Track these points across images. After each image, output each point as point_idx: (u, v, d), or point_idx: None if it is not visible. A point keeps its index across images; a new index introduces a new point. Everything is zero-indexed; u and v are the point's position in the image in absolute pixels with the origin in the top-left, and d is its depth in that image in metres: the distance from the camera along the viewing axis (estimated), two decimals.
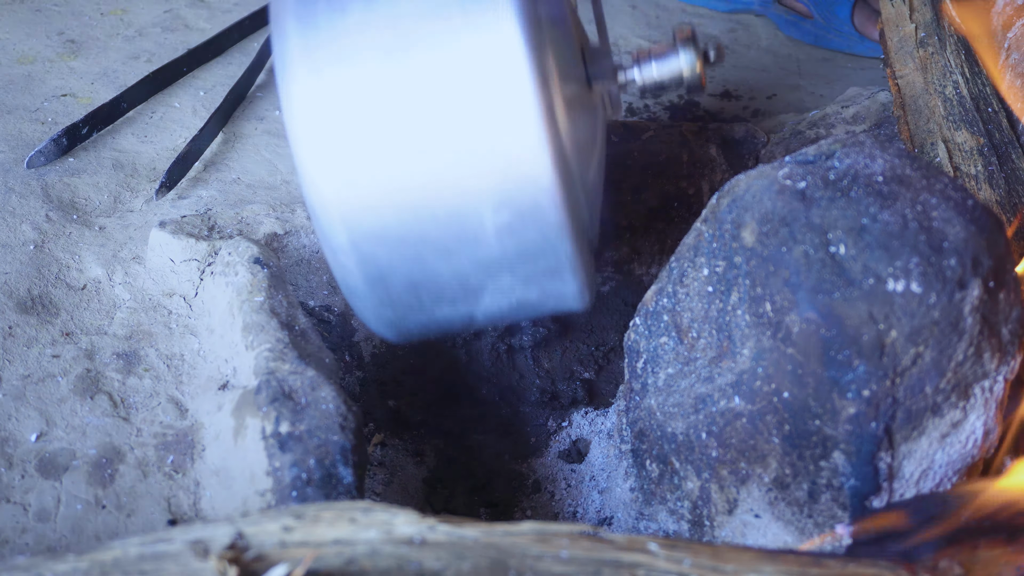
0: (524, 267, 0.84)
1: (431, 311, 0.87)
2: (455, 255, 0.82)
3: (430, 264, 0.83)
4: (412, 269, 0.83)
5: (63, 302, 1.05)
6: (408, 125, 0.79)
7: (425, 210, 0.81)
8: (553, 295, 0.87)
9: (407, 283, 0.84)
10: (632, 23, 1.76)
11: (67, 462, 0.91)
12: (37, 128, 1.26)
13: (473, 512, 1.03)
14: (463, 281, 0.84)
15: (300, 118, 0.80)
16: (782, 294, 0.79)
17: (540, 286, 0.86)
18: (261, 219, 1.13)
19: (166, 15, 1.53)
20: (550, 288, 0.86)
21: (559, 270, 0.84)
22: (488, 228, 0.81)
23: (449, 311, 0.87)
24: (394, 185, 0.80)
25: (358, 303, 0.87)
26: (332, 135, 0.80)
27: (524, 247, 0.82)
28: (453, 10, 0.79)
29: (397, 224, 0.81)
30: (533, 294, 0.86)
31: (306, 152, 0.81)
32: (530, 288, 0.86)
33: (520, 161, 0.79)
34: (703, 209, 0.91)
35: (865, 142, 0.85)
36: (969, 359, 0.79)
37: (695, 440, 0.88)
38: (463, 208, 0.81)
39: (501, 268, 0.84)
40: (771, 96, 1.58)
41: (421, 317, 0.87)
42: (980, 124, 1.22)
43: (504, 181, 0.79)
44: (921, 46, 1.35)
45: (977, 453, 0.84)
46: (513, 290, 0.85)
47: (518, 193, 0.80)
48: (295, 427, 0.85)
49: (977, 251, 0.77)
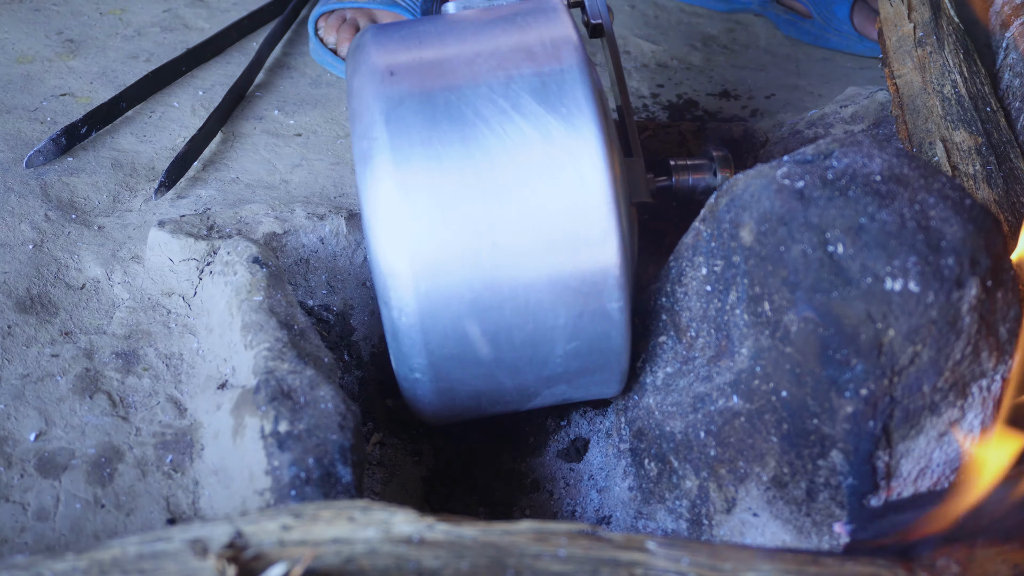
0: (580, 379, 0.92)
1: (485, 410, 0.95)
2: (522, 373, 0.89)
3: (498, 380, 0.89)
4: (480, 384, 0.89)
5: (62, 301, 1.05)
6: (503, 269, 0.84)
7: (505, 339, 0.86)
8: (596, 393, 0.95)
9: (472, 393, 0.91)
10: (631, 23, 1.76)
11: (66, 461, 0.91)
12: (36, 127, 1.26)
13: (472, 511, 1.04)
14: (522, 391, 0.92)
15: (400, 260, 0.83)
16: (780, 293, 0.80)
17: (588, 390, 0.94)
18: (260, 218, 1.13)
19: (165, 14, 1.53)
20: (595, 391, 0.95)
21: (610, 381, 0.93)
22: (558, 353, 0.88)
23: (501, 409, 0.95)
24: (481, 317, 0.85)
25: (420, 407, 0.93)
26: (434, 284, 0.84)
27: (586, 366, 0.90)
28: (539, 154, 0.83)
29: (475, 350, 0.87)
30: (579, 395, 0.95)
31: (407, 295, 0.84)
32: (578, 391, 0.94)
33: (597, 298, 0.85)
34: (701, 208, 0.91)
35: (863, 141, 0.85)
36: (967, 358, 0.79)
37: (693, 439, 0.88)
38: (539, 338, 0.86)
39: (560, 381, 0.91)
40: (770, 95, 1.58)
41: (473, 414, 0.95)
42: (978, 123, 1.22)
43: (581, 316, 0.85)
44: (919, 45, 1.35)
45: (975, 451, 0.84)
46: (564, 394, 0.94)
47: (591, 326, 0.86)
48: (294, 426, 0.85)
49: (975, 250, 0.77)
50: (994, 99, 1.28)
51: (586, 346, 0.87)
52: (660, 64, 1.65)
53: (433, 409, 0.93)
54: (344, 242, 1.15)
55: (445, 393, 0.90)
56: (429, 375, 0.88)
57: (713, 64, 1.67)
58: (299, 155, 1.28)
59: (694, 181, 1.02)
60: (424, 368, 0.88)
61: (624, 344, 0.88)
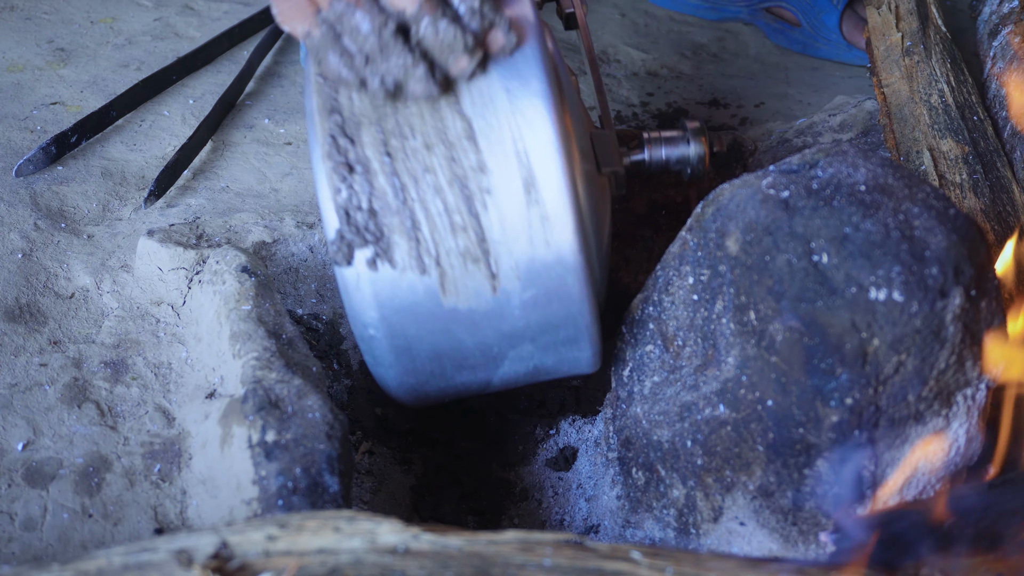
0: (545, 337, 0.89)
1: (451, 378, 0.92)
2: (481, 327, 0.87)
3: (456, 336, 0.87)
4: (438, 341, 0.88)
5: (51, 311, 1.05)
6: (443, 211, 0.84)
7: (454, 287, 0.85)
8: (568, 361, 0.93)
9: (432, 353, 0.89)
10: (621, 31, 1.76)
11: (54, 471, 0.91)
12: (26, 136, 1.26)
13: (461, 520, 1.04)
14: (486, 350, 0.89)
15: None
16: (766, 303, 0.80)
17: (558, 353, 0.91)
18: (249, 227, 1.14)
19: (156, 23, 1.53)
20: (566, 355, 0.92)
21: (577, 339, 0.90)
22: (515, 303, 0.86)
23: (468, 377, 0.92)
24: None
25: (382, 371, 0.91)
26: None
27: (547, 319, 0.88)
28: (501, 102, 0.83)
29: (428, 300, 0.85)
30: (550, 360, 0.92)
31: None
32: (547, 355, 0.91)
33: (550, 243, 0.84)
34: (690, 217, 0.92)
35: (848, 151, 0.85)
36: (951, 367, 0.79)
37: (680, 448, 0.88)
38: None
39: (523, 338, 0.89)
40: (759, 104, 1.59)
41: (441, 383, 0.93)
42: (965, 133, 1.23)
43: (533, 261, 0.84)
44: (907, 55, 1.36)
45: (960, 461, 0.84)
46: (532, 357, 0.91)
47: (546, 271, 0.85)
48: (281, 436, 0.85)
49: (959, 260, 0.77)
50: (981, 108, 1.29)
51: (543, 295, 0.86)
52: (650, 73, 1.65)
53: (397, 377, 0.91)
54: None
55: (403, 353, 0.88)
56: (383, 331, 0.86)
57: (703, 73, 1.68)
58: (289, 164, 1.28)
59: (667, 153, 1.01)
60: (377, 323, 0.86)
61: (583, 291, 0.86)
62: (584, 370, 0.95)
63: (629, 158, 1.01)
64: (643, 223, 1.32)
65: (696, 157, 1.01)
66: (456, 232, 0.83)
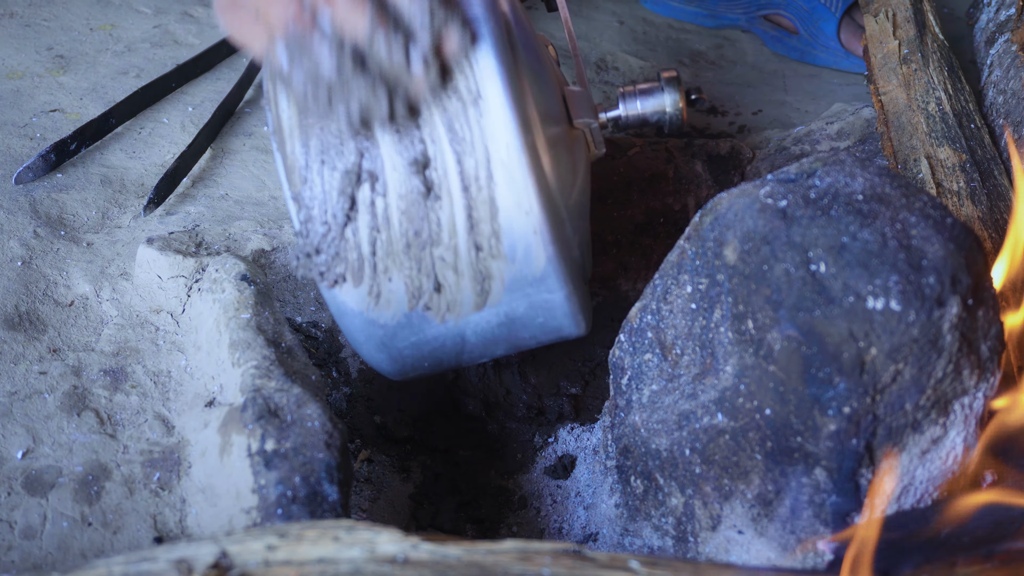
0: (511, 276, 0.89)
1: (422, 330, 0.91)
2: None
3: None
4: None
5: (50, 318, 1.06)
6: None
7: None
8: (541, 307, 0.91)
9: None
10: (619, 39, 1.77)
11: (53, 479, 0.91)
12: (26, 144, 1.27)
13: (459, 528, 1.04)
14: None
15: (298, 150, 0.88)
16: (764, 312, 0.80)
17: (527, 296, 0.90)
18: (249, 235, 1.14)
19: (155, 30, 1.53)
20: (536, 298, 0.90)
21: (545, 278, 0.89)
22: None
23: (439, 330, 0.91)
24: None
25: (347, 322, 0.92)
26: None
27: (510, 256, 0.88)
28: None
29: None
30: (520, 306, 0.91)
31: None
32: (516, 298, 0.90)
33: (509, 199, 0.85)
34: (688, 225, 0.92)
35: (845, 160, 0.85)
36: (948, 376, 0.79)
37: (679, 456, 0.89)
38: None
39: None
40: (757, 112, 1.59)
41: (412, 337, 0.91)
42: (963, 141, 1.23)
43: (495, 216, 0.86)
44: (904, 63, 1.36)
45: (958, 469, 0.85)
46: (501, 302, 0.90)
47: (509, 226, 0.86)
48: (280, 444, 0.85)
49: (956, 269, 0.78)
50: (978, 116, 1.29)
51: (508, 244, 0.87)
52: (648, 80, 1.66)
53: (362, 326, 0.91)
54: None
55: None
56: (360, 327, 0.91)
57: (701, 80, 1.68)
58: None
59: (642, 105, 1.00)
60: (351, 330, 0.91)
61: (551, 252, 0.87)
62: (564, 322, 0.94)
63: (605, 113, 1.00)
64: (642, 231, 1.32)
65: (672, 106, 1.00)
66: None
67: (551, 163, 0.88)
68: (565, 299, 0.91)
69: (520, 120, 0.85)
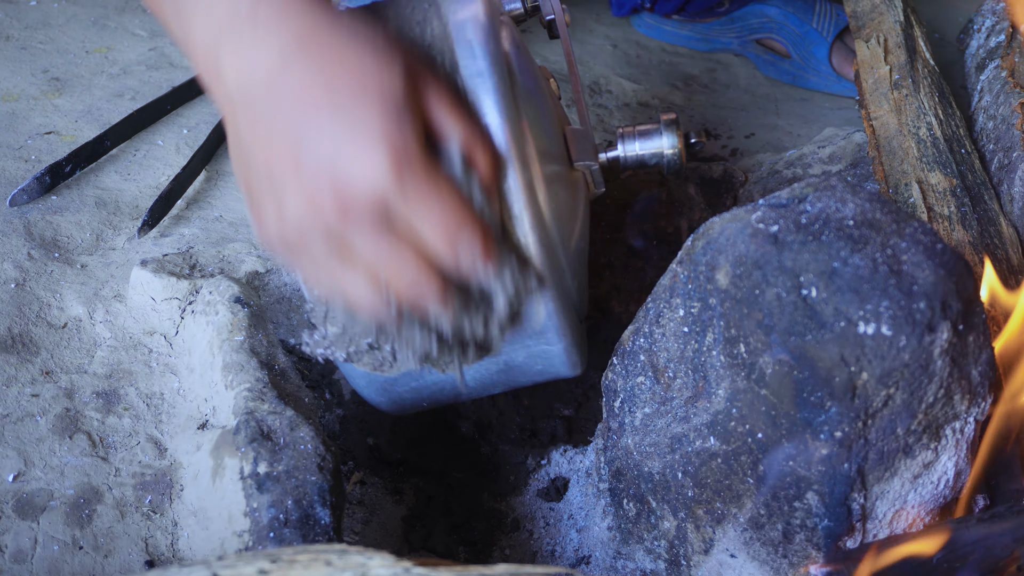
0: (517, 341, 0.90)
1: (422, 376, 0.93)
2: None
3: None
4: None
5: (43, 341, 1.06)
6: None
7: None
8: (540, 357, 0.93)
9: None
10: (613, 62, 1.78)
11: (45, 502, 0.91)
12: (20, 166, 1.27)
13: (452, 551, 1.04)
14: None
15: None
16: (755, 336, 0.81)
17: (526, 347, 0.91)
18: (243, 257, 1.14)
19: (151, 53, 1.54)
20: (535, 349, 0.92)
21: (544, 332, 0.90)
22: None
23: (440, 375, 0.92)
24: None
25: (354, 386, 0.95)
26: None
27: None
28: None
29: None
30: (519, 355, 0.92)
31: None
32: (516, 349, 0.91)
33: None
34: (681, 249, 0.92)
35: (836, 186, 0.86)
36: (939, 401, 0.80)
37: (671, 480, 0.89)
38: None
39: None
40: (749, 135, 1.60)
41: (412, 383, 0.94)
42: (953, 165, 1.24)
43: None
44: (896, 88, 1.37)
45: (949, 493, 0.85)
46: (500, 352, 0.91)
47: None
48: (273, 467, 0.85)
49: (946, 294, 0.78)
50: (969, 141, 1.30)
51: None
52: (641, 103, 1.67)
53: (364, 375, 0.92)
54: None
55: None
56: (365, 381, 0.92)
57: (694, 103, 1.69)
58: None
59: (641, 147, 1.00)
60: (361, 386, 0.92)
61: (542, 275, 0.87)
62: (562, 369, 0.95)
63: (604, 154, 1.01)
64: (634, 254, 1.33)
65: (671, 149, 1.00)
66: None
67: (552, 214, 0.88)
68: (563, 350, 0.93)
69: (525, 183, 0.85)
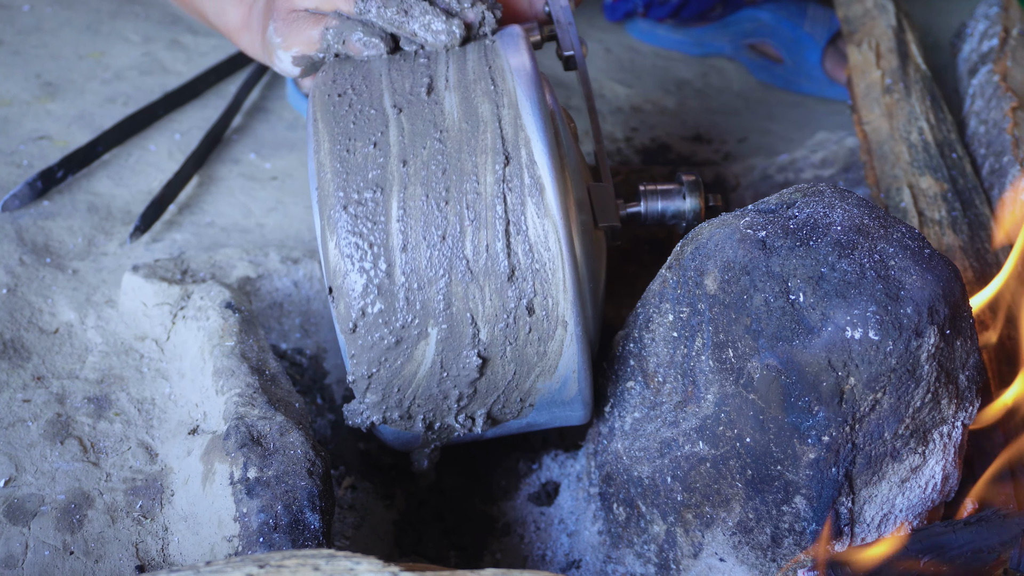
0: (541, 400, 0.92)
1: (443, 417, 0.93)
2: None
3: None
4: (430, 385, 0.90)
5: (35, 346, 1.06)
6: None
7: None
8: (560, 418, 0.96)
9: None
10: (606, 67, 1.78)
11: (35, 508, 0.91)
12: (12, 171, 1.27)
13: (443, 555, 1.04)
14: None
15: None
16: (744, 341, 0.81)
17: (551, 413, 0.94)
18: (234, 263, 1.14)
19: (144, 58, 1.54)
20: (559, 413, 0.95)
21: (572, 402, 0.93)
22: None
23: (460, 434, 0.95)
24: None
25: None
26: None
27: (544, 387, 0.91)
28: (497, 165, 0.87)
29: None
30: (542, 418, 0.95)
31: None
32: (540, 414, 0.94)
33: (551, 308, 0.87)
34: (672, 242, 0.92)
35: (825, 191, 0.86)
36: (927, 405, 0.80)
37: (660, 484, 0.89)
38: None
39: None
40: (742, 139, 1.60)
41: (437, 441, 0.96)
42: (944, 170, 1.24)
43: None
44: (887, 92, 1.37)
45: (937, 498, 0.85)
46: (528, 418, 0.94)
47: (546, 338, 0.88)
48: (263, 472, 0.85)
49: (933, 299, 0.78)
50: (960, 145, 1.30)
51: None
52: (634, 108, 1.67)
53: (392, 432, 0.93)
54: (318, 286, 1.15)
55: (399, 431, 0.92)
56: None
57: (686, 108, 1.70)
58: (275, 199, 1.29)
59: (663, 206, 1.02)
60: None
61: (581, 358, 0.88)
62: (574, 423, 0.98)
63: (625, 211, 1.02)
64: (626, 258, 1.33)
65: (692, 212, 1.02)
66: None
67: (589, 288, 0.90)
68: (584, 415, 0.96)
69: (574, 272, 0.86)
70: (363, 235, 0.83)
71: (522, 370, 0.88)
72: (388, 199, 0.84)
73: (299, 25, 0.93)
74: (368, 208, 0.84)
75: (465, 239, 0.84)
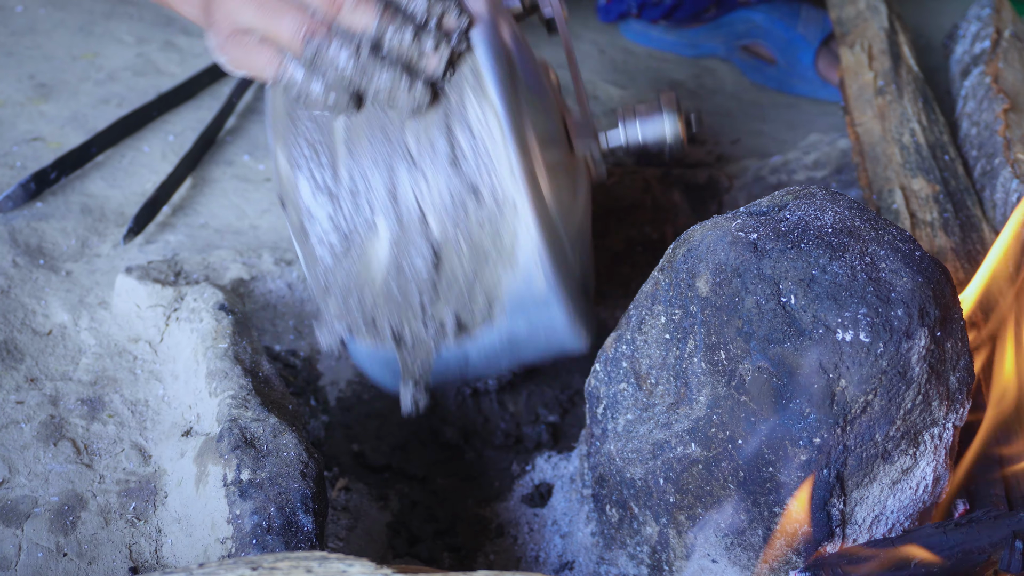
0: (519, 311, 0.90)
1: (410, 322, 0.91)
2: None
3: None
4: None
5: (28, 348, 1.06)
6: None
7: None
8: (543, 327, 0.93)
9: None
10: (600, 68, 1.78)
11: (29, 509, 0.91)
12: (6, 173, 1.27)
13: (436, 557, 1.04)
14: None
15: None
16: (735, 343, 0.81)
17: (528, 316, 0.91)
18: (228, 264, 1.14)
19: (137, 59, 1.54)
20: (538, 319, 0.92)
21: (548, 301, 0.90)
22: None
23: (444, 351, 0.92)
24: None
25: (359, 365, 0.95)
26: None
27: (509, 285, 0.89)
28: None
29: None
30: (522, 326, 0.92)
31: None
32: (518, 319, 0.91)
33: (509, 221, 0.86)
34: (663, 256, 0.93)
35: (816, 194, 0.86)
36: (917, 407, 0.80)
37: (653, 486, 0.89)
38: None
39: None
40: (735, 141, 1.61)
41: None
42: (936, 172, 1.25)
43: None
44: (880, 94, 1.38)
45: (928, 499, 0.85)
46: (505, 325, 0.92)
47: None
48: (256, 474, 0.85)
49: (924, 301, 0.79)
50: (952, 147, 1.31)
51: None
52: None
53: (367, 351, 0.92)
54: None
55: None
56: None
57: (693, 132, 1.70)
58: (268, 200, 1.29)
59: (643, 130, 1.00)
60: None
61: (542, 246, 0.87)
62: (566, 339, 0.95)
63: (606, 140, 1.01)
64: (620, 260, 1.33)
65: (672, 134, 1.00)
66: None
67: (551, 190, 0.89)
68: (566, 320, 0.93)
69: (520, 151, 0.86)
70: (311, 143, 0.86)
71: (479, 258, 0.87)
72: (335, 117, 0.87)
73: (248, 54, 0.86)
74: (317, 123, 0.86)
75: (406, 134, 0.85)
